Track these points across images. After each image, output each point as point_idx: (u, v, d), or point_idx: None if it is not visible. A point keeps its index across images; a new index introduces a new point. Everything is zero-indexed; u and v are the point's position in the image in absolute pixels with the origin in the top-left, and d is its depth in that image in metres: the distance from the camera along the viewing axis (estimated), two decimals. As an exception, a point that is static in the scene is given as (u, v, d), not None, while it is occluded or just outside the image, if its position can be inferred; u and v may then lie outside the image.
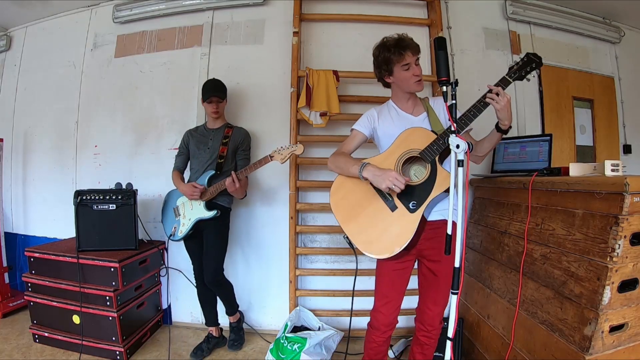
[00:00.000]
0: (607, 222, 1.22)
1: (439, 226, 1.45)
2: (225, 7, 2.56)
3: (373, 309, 1.57)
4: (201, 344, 2.17)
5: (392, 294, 1.52)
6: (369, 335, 1.60)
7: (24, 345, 2.18)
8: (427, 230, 1.45)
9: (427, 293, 1.54)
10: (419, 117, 1.54)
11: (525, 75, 1.39)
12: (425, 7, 2.51)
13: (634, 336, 1.29)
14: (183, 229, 2.08)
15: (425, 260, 1.52)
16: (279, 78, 2.45)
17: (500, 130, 1.41)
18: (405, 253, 1.43)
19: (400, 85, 1.52)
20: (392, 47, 1.46)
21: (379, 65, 1.52)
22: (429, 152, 1.38)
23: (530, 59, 1.37)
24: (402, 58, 1.44)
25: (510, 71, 1.39)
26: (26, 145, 2.85)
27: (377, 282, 1.56)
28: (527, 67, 1.37)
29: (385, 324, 1.53)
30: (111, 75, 2.67)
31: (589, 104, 2.74)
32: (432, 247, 1.47)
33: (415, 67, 1.46)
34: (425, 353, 1.58)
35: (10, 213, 2.89)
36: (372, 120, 1.58)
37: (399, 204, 1.42)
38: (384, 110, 1.59)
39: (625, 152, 2.76)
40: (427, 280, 1.53)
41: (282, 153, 1.93)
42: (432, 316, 1.53)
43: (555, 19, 2.63)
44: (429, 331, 1.55)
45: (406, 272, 1.52)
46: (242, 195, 2.10)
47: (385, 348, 1.61)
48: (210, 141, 2.13)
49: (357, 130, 1.59)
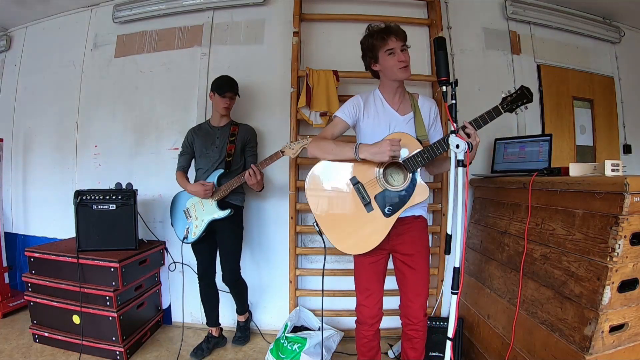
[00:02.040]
0: (607, 222, 1.22)
1: (410, 222, 1.51)
2: (225, 7, 2.56)
3: (357, 304, 1.59)
4: (201, 343, 2.17)
5: (372, 286, 1.55)
6: (358, 332, 1.61)
7: (24, 345, 2.18)
8: (397, 226, 1.47)
9: (407, 287, 1.56)
10: (405, 116, 1.54)
11: (515, 108, 1.37)
12: (425, 7, 2.51)
13: (634, 336, 1.29)
14: (197, 231, 2.07)
15: (398, 255, 1.54)
16: (279, 78, 2.45)
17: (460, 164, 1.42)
18: (378, 248, 1.47)
19: (386, 73, 1.51)
20: (375, 33, 1.47)
21: (365, 53, 1.53)
22: (413, 162, 1.41)
23: (524, 94, 1.36)
24: (385, 43, 1.45)
25: (503, 102, 1.37)
26: (26, 145, 2.85)
27: (356, 277, 1.59)
28: (519, 102, 1.36)
29: (371, 316, 1.55)
30: (111, 75, 2.67)
31: (589, 104, 2.73)
32: (404, 242, 1.51)
33: (400, 53, 1.45)
34: (415, 347, 1.58)
35: (10, 213, 2.89)
36: (358, 109, 1.55)
37: (375, 205, 1.45)
38: (369, 100, 1.58)
39: (625, 152, 2.76)
40: (404, 274, 1.55)
41: (294, 148, 1.94)
42: (416, 309, 1.54)
43: (555, 19, 2.63)
44: (415, 324, 1.56)
45: (380, 264, 1.55)
46: (261, 188, 2.08)
47: (377, 343, 1.62)
48: (217, 139, 2.12)
49: (340, 118, 1.56)
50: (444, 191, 2.29)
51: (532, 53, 2.60)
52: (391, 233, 1.46)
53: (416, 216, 1.54)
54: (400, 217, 1.47)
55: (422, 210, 1.57)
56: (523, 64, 2.56)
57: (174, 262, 2.41)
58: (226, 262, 2.11)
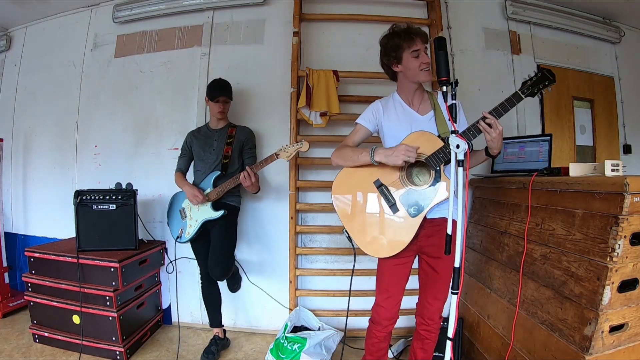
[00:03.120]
0: (607, 222, 1.22)
1: (439, 224, 1.46)
2: (225, 7, 2.56)
3: (375, 303, 1.58)
4: (210, 346, 2.14)
5: (393, 289, 1.54)
6: (370, 331, 1.60)
7: (24, 345, 2.18)
8: (426, 228, 1.46)
9: (428, 289, 1.55)
10: (425, 116, 1.52)
11: (537, 92, 1.33)
12: (425, 7, 2.51)
13: (634, 336, 1.29)
14: (190, 231, 2.07)
15: (425, 257, 1.53)
16: (279, 78, 2.45)
17: (489, 155, 1.43)
18: (405, 250, 1.45)
19: (408, 75, 1.49)
20: (402, 33, 1.46)
21: (388, 53, 1.49)
22: (435, 159, 1.39)
23: (545, 76, 1.31)
24: (413, 43, 1.43)
25: (523, 86, 1.34)
26: (26, 145, 2.85)
27: (379, 277, 1.57)
28: (540, 84, 1.32)
29: (387, 317, 1.54)
30: (111, 75, 2.67)
31: (589, 104, 2.73)
32: (432, 244, 1.48)
33: (424, 54, 1.45)
34: (425, 348, 1.58)
35: (10, 213, 2.89)
36: (377, 114, 1.56)
37: (400, 206, 1.44)
38: (389, 104, 1.57)
39: (625, 152, 2.75)
40: (428, 276, 1.54)
41: (288, 151, 1.93)
42: (433, 311, 1.54)
43: (555, 19, 2.63)
44: (429, 325, 1.56)
45: (406, 267, 1.53)
46: (256, 190, 2.08)
47: (386, 345, 1.62)
48: (215, 142, 2.12)
49: (361, 124, 1.57)
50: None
51: (532, 53, 2.60)
52: (420, 234, 1.44)
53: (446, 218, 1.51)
54: (429, 218, 1.45)
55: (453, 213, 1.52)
56: (523, 64, 2.56)
57: (170, 261, 2.40)
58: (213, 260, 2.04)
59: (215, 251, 2.05)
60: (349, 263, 2.30)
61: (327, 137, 2.40)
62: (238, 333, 2.46)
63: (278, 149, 1.95)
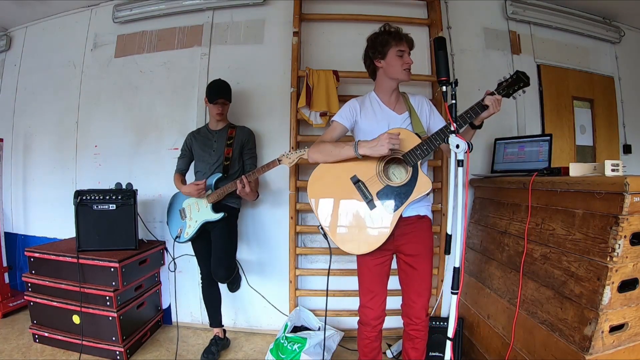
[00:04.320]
0: (607, 222, 1.22)
1: (413, 221, 1.51)
2: (225, 7, 2.56)
3: (360, 305, 1.59)
4: (210, 346, 2.14)
5: (376, 288, 1.55)
6: (360, 333, 1.61)
7: (24, 345, 2.18)
8: (401, 226, 1.47)
9: (409, 287, 1.56)
10: (402, 115, 1.55)
11: (512, 93, 1.38)
12: (425, 7, 2.51)
13: (634, 336, 1.29)
14: (189, 231, 2.07)
15: (402, 255, 1.54)
16: (279, 78, 2.45)
17: (474, 126, 1.45)
18: (382, 249, 1.47)
19: (389, 71, 1.52)
20: (392, 32, 1.51)
21: (375, 47, 1.53)
22: (412, 156, 1.41)
23: (520, 78, 1.37)
24: (401, 43, 1.49)
25: (499, 87, 1.39)
26: (26, 145, 2.85)
27: (360, 278, 1.58)
28: (515, 86, 1.37)
29: (374, 317, 1.55)
30: (111, 75, 2.67)
31: (589, 104, 2.73)
32: (408, 242, 1.50)
33: (407, 57, 1.50)
34: (417, 347, 1.59)
35: (10, 213, 2.89)
36: (355, 112, 1.57)
37: (377, 203, 1.45)
38: (365, 103, 1.59)
39: (625, 152, 2.75)
40: (407, 275, 1.55)
41: (290, 157, 1.93)
42: (418, 309, 1.55)
43: (555, 19, 2.63)
44: (417, 324, 1.56)
45: (385, 265, 1.55)
46: (254, 198, 2.09)
47: (378, 344, 1.62)
48: (215, 143, 2.12)
49: (338, 122, 1.58)
50: (444, 191, 2.29)
51: (532, 53, 2.60)
52: (395, 233, 1.46)
53: (421, 216, 1.54)
54: (404, 216, 1.47)
55: (426, 210, 1.57)
56: (523, 64, 2.56)
57: (173, 259, 2.39)
58: (215, 262, 2.05)
59: (217, 253, 2.05)
60: (349, 263, 2.30)
61: (327, 137, 2.39)
62: (238, 333, 2.46)
63: (280, 154, 1.95)
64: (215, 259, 2.04)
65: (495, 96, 1.36)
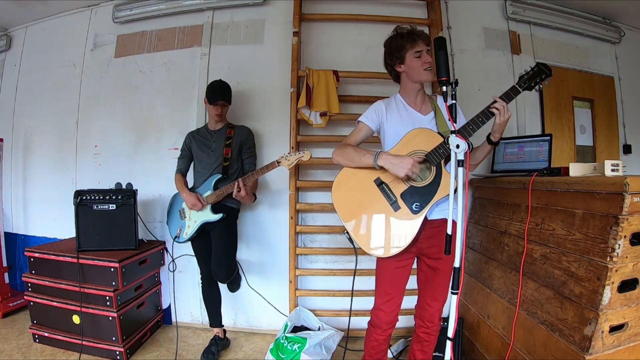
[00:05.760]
0: (607, 222, 1.22)
1: (440, 225, 1.46)
2: (225, 7, 2.56)
3: (374, 307, 1.57)
4: (210, 346, 2.14)
5: (394, 291, 1.53)
6: (369, 334, 1.60)
7: (24, 345, 2.18)
8: (427, 229, 1.46)
9: (427, 290, 1.55)
10: (427, 116, 1.54)
11: (534, 85, 1.38)
12: (425, 7, 2.51)
13: (634, 336, 1.29)
14: (188, 231, 2.07)
15: (425, 258, 1.53)
16: (279, 78, 2.45)
17: (491, 142, 1.45)
18: (406, 252, 1.44)
19: (411, 74, 1.51)
20: (405, 34, 1.49)
21: (391, 53, 1.52)
22: (435, 155, 1.40)
23: (541, 70, 1.36)
24: (416, 44, 1.47)
25: (520, 80, 1.38)
26: (26, 145, 2.85)
27: (378, 280, 1.56)
28: (537, 78, 1.36)
29: (387, 321, 1.54)
30: (111, 75, 2.67)
31: (589, 104, 2.73)
32: (433, 246, 1.48)
33: (426, 55, 1.48)
34: (425, 350, 1.58)
35: (10, 213, 2.89)
36: (380, 114, 1.57)
37: (402, 204, 1.43)
38: (391, 105, 1.58)
39: (625, 152, 2.75)
40: (427, 277, 1.54)
41: (290, 159, 1.93)
42: (432, 312, 1.54)
43: (555, 19, 2.63)
44: (428, 327, 1.56)
45: (406, 269, 1.53)
46: (251, 201, 2.09)
47: (386, 347, 1.62)
48: (214, 144, 2.11)
49: (364, 123, 1.58)
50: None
51: (532, 53, 2.60)
52: (421, 236, 1.45)
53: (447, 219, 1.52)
54: (430, 219, 1.45)
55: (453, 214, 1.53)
56: (523, 63, 2.55)
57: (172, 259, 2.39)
58: (216, 262, 2.07)
59: (217, 253, 2.05)
60: (349, 263, 2.31)
61: (327, 137, 2.39)
62: (238, 333, 2.46)
63: (280, 156, 1.95)
64: (216, 259, 2.05)
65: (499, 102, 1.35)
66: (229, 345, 2.29)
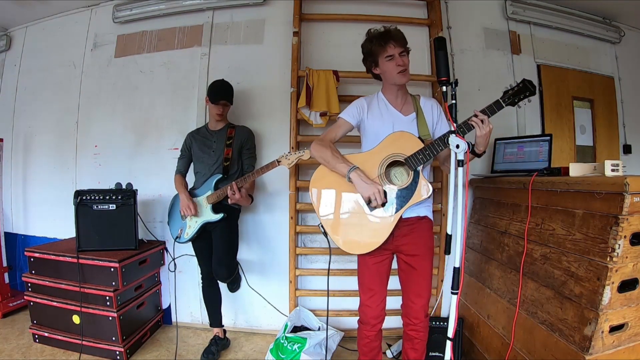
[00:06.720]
0: (607, 222, 1.22)
1: (413, 222, 1.51)
2: (225, 7, 2.56)
3: (360, 304, 1.59)
4: (210, 346, 2.14)
5: (376, 286, 1.55)
6: (360, 332, 1.62)
7: (24, 345, 2.18)
8: (401, 227, 1.48)
9: (409, 287, 1.57)
10: (408, 117, 1.56)
11: (517, 102, 1.38)
12: (425, 7, 2.51)
13: (634, 336, 1.29)
14: (189, 232, 2.07)
15: (402, 255, 1.55)
16: (279, 78, 2.45)
17: (475, 153, 1.44)
18: (382, 249, 1.48)
19: (386, 77, 1.54)
20: (374, 38, 1.50)
21: (366, 57, 1.56)
22: (414, 160, 1.42)
23: (526, 87, 1.36)
24: (384, 50, 1.47)
25: (505, 95, 1.39)
26: (26, 145, 2.85)
27: (360, 277, 1.59)
28: (522, 94, 1.37)
29: (374, 316, 1.56)
30: (111, 75, 2.67)
31: (589, 104, 2.73)
32: (408, 243, 1.51)
33: (399, 57, 1.47)
34: (416, 348, 1.59)
35: (10, 213, 2.89)
36: (361, 111, 1.58)
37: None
38: (373, 102, 1.60)
39: (625, 152, 2.75)
40: (407, 275, 1.56)
41: (290, 158, 1.93)
42: (417, 309, 1.55)
43: (555, 19, 2.63)
44: (416, 324, 1.56)
45: (385, 264, 1.56)
46: (248, 203, 2.09)
47: (378, 343, 1.63)
48: (214, 144, 2.11)
49: (345, 119, 1.59)
50: (444, 191, 2.29)
51: (532, 53, 2.60)
52: (395, 233, 1.47)
53: (421, 217, 1.54)
54: (404, 217, 1.47)
55: (427, 211, 1.57)
56: (523, 64, 2.56)
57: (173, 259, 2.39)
58: (217, 262, 2.06)
59: (218, 253, 2.05)
60: (349, 263, 2.30)
61: (327, 137, 2.39)
62: (238, 333, 2.46)
63: (280, 155, 1.95)
64: (216, 259, 2.05)
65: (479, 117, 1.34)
66: (229, 345, 2.29)
